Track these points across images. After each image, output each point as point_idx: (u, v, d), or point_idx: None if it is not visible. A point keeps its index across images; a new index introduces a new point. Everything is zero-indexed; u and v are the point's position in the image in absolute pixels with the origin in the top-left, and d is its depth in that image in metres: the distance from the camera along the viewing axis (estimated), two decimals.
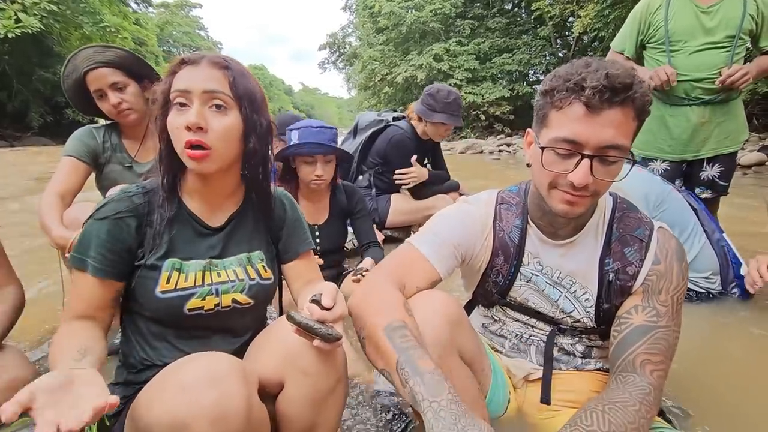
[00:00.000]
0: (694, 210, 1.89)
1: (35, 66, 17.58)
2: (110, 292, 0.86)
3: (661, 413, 0.98)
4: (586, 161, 0.77)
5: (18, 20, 14.16)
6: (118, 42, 18.83)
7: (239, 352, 0.93)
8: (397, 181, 2.72)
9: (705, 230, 1.87)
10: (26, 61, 17.15)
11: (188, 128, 0.80)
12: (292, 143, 1.73)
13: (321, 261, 1.70)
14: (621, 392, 0.77)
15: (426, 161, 3.01)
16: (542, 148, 0.82)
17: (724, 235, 1.92)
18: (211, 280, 0.89)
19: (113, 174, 1.67)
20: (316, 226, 1.87)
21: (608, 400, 0.76)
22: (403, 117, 2.91)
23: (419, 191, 2.83)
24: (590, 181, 0.78)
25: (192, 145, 0.81)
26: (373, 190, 2.80)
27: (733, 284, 1.88)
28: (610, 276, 0.92)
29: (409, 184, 2.74)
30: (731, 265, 1.87)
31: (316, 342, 0.74)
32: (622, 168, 0.81)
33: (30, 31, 14.38)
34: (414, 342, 0.75)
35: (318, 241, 1.85)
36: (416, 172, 2.72)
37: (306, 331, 0.73)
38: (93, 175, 1.70)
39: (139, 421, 0.72)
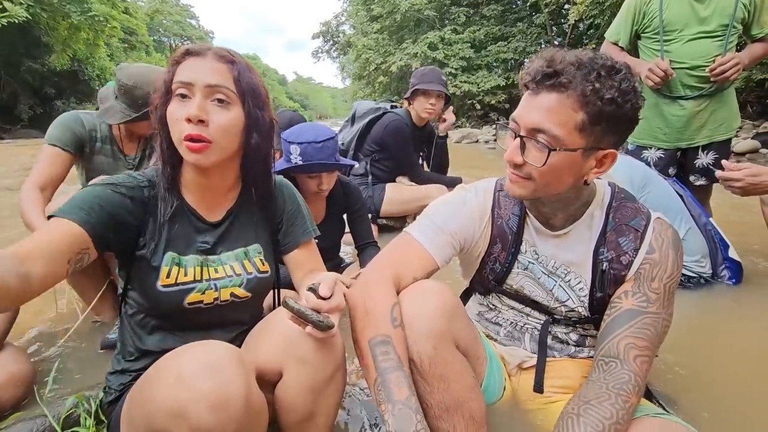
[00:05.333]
0: (680, 196, 1.92)
1: (23, 56, 17.22)
2: (74, 248, 0.71)
3: (652, 397, 1.00)
4: (517, 140, 0.82)
5: (3, 9, 13.81)
6: (107, 32, 18.47)
7: (236, 342, 0.94)
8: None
9: (691, 215, 1.90)
10: (13, 52, 16.77)
11: (189, 120, 0.79)
12: (292, 159, 1.61)
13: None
14: (598, 386, 0.79)
15: (423, 152, 3.01)
16: (496, 127, 0.88)
17: (711, 219, 1.95)
18: (209, 276, 0.90)
19: (103, 166, 1.64)
20: None
21: (584, 399, 0.77)
22: (401, 106, 2.93)
23: (422, 177, 2.84)
24: (519, 160, 0.82)
25: (192, 139, 0.80)
26: (370, 178, 2.79)
27: (723, 267, 1.92)
28: (604, 265, 0.93)
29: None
30: (719, 247, 1.91)
31: (308, 329, 0.75)
32: (548, 159, 0.78)
33: (16, 21, 14.03)
34: (394, 362, 0.77)
35: (316, 241, 1.81)
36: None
37: (299, 317, 0.74)
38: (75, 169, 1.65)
39: (139, 410, 0.72)
